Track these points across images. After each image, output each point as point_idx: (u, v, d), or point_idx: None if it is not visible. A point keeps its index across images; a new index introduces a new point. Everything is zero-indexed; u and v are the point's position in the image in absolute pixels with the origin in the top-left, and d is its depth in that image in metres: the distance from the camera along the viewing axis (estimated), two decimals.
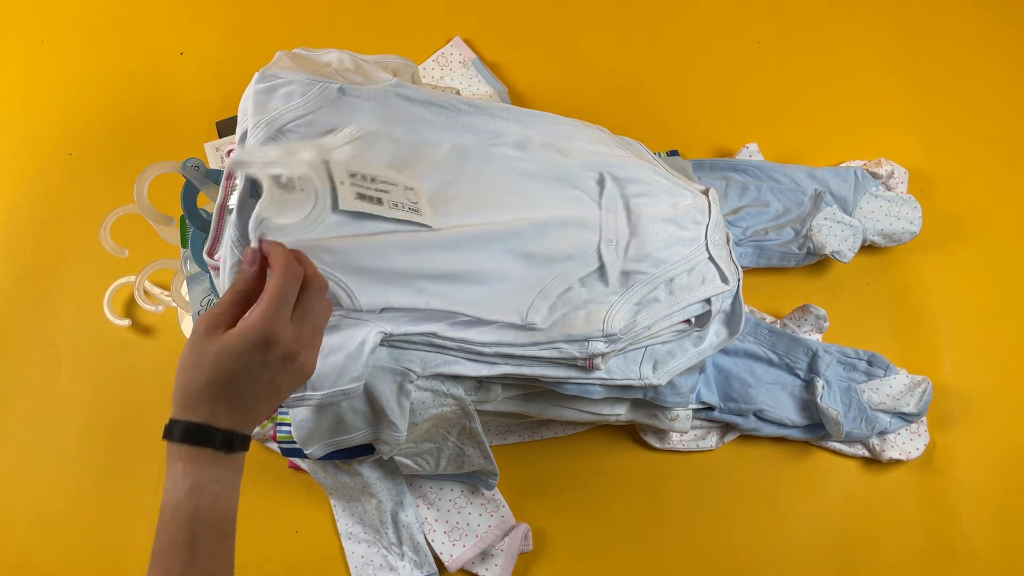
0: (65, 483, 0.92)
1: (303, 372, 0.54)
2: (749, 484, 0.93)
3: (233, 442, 0.52)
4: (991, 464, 0.94)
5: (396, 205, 0.65)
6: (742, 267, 0.87)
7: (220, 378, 0.51)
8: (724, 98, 1.08)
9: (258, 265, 0.54)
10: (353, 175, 0.64)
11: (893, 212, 0.97)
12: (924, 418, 0.93)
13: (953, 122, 1.06)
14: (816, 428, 0.92)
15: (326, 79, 0.69)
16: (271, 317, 0.51)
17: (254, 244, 0.56)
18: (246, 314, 0.52)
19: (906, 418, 0.91)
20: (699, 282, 0.78)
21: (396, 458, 0.80)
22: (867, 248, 0.99)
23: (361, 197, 0.63)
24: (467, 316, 0.68)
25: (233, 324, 0.52)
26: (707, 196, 0.81)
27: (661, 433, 0.93)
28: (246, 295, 0.54)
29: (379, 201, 0.64)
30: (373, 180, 0.65)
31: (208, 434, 0.51)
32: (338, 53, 0.77)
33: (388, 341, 0.69)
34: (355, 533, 0.89)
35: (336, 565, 0.90)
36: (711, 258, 0.78)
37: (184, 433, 0.51)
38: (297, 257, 0.54)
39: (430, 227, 0.66)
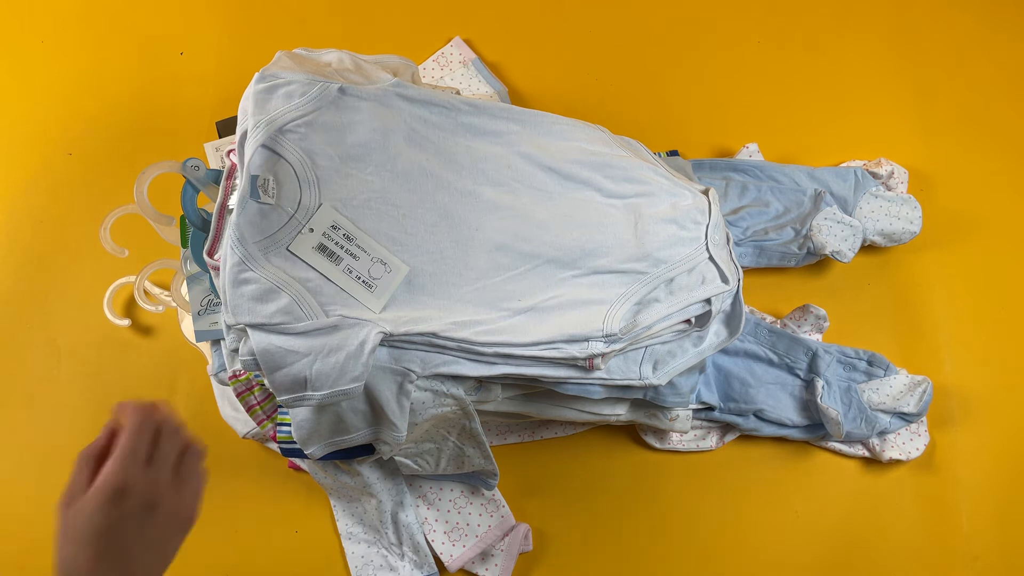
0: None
1: (178, 518, 0.54)
2: (749, 484, 0.93)
3: None
4: (991, 464, 0.94)
5: (350, 272, 0.67)
6: (742, 267, 0.87)
7: (92, 544, 0.50)
8: (724, 98, 1.08)
9: (108, 431, 0.55)
10: (335, 227, 0.66)
11: (893, 212, 0.97)
12: (924, 418, 0.93)
13: (953, 122, 1.06)
14: (816, 428, 0.92)
15: (326, 79, 0.69)
16: (117, 469, 0.51)
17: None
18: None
19: (906, 418, 0.91)
20: (699, 282, 0.78)
21: (396, 458, 0.80)
22: (867, 248, 0.99)
23: (321, 249, 0.66)
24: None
25: (87, 490, 0.52)
26: (707, 196, 0.81)
27: (661, 433, 0.93)
28: (95, 459, 0.54)
29: (337, 260, 0.67)
30: (350, 240, 0.66)
31: None
32: (338, 53, 0.77)
33: (388, 341, 0.69)
34: (355, 533, 0.89)
35: (336, 565, 0.90)
36: (711, 258, 0.78)
37: None
38: (155, 407, 0.55)
39: (370, 311, 0.67)
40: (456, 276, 0.72)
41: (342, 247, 0.67)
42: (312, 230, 0.65)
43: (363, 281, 0.67)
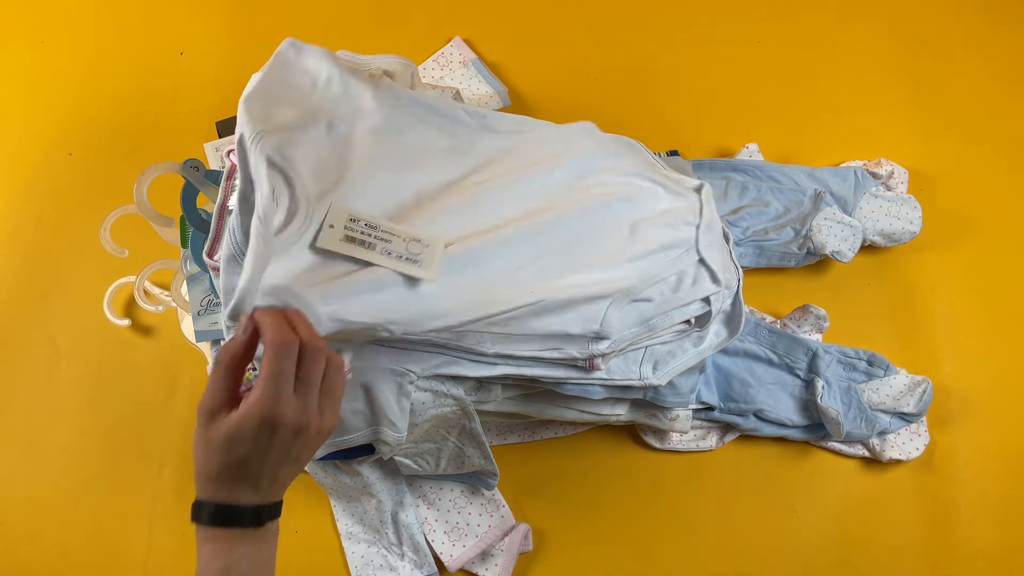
0: (65, 483, 0.92)
1: (321, 437, 0.54)
2: (749, 484, 0.93)
3: (261, 516, 0.52)
4: (991, 464, 0.94)
5: (390, 254, 0.64)
6: (742, 267, 0.87)
7: (234, 462, 0.51)
8: (724, 98, 1.08)
9: (248, 335, 0.53)
10: (354, 220, 0.64)
11: (893, 212, 0.97)
12: (924, 418, 0.93)
13: (953, 122, 1.06)
14: (816, 428, 0.92)
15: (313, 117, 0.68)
16: (269, 398, 0.50)
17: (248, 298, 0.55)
18: (248, 395, 0.51)
19: (906, 418, 0.91)
20: (690, 284, 0.77)
21: (396, 458, 0.80)
22: (867, 248, 0.99)
23: (350, 240, 0.63)
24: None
25: (231, 401, 0.52)
26: (699, 195, 0.81)
27: (661, 433, 0.93)
28: (233, 368, 0.53)
29: (370, 247, 0.64)
30: (373, 228, 0.65)
31: (235, 514, 0.51)
32: (328, 69, 0.73)
33: (388, 342, 0.69)
34: (355, 533, 0.89)
35: (336, 565, 0.90)
36: (701, 259, 0.78)
37: (211, 516, 0.51)
38: (291, 320, 0.53)
39: (425, 280, 0.65)
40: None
41: (370, 235, 0.65)
42: (332, 226, 0.64)
43: (407, 259, 0.65)
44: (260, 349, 0.53)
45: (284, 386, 0.51)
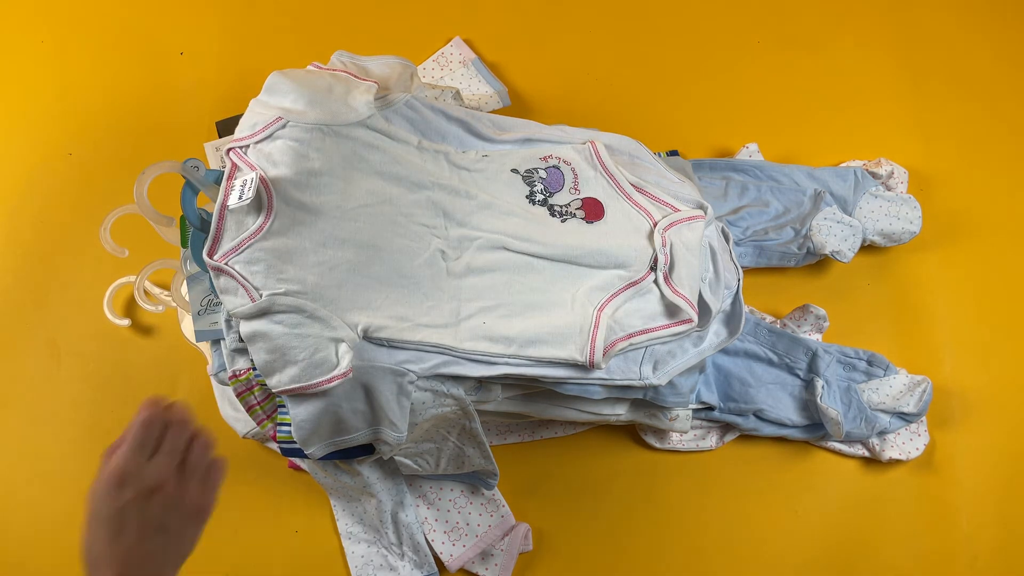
0: (65, 483, 0.92)
1: (185, 507, 0.56)
2: (749, 484, 0.93)
3: None
4: (991, 464, 0.94)
5: None
6: (742, 267, 0.87)
7: (104, 528, 0.54)
8: (724, 98, 1.08)
9: (128, 425, 0.58)
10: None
11: (893, 212, 0.97)
12: (924, 418, 0.93)
13: (953, 122, 1.06)
14: (816, 428, 0.92)
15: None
16: (119, 459, 0.54)
17: None
18: None
19: (906, 418, 0.91)
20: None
21: (396, 458, 0.80)
22: (867, 248, 0.99)
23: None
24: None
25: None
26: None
27: (661, 433, 0.93)
28: (113, 453, 0.57)
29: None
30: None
31: None
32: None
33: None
34: (355, 533, 0.89)
35: (336, 565, 0.90)
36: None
37: None
38: (161, 403, 0.58)
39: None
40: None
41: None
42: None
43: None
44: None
45: (137, 449, 0.55)
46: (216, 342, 0.83)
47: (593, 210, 0.80)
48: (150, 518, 0.55)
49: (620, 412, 0.85)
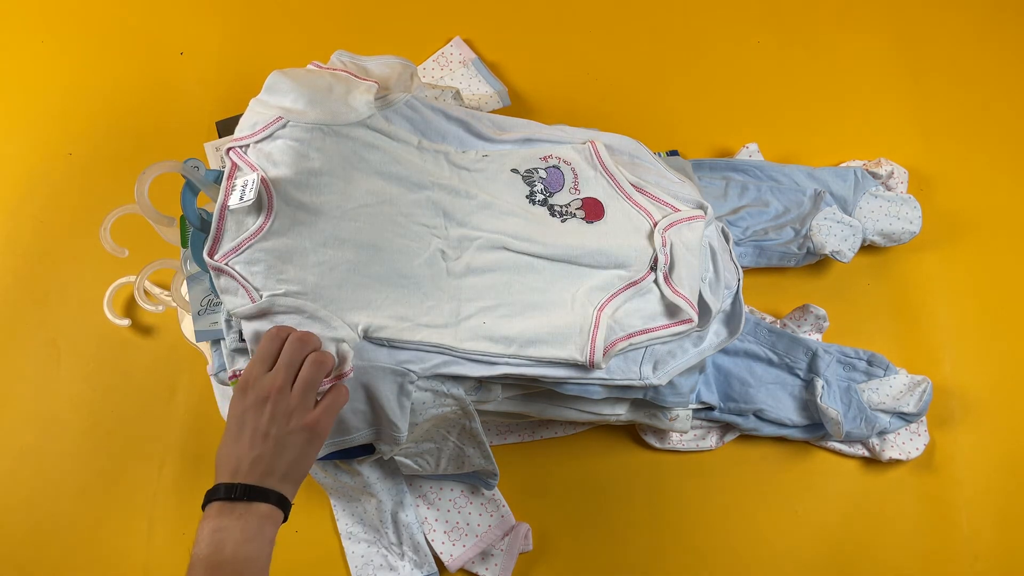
0: (65, 483, 0.92)
1: (290, 418, 0.60)
2: (749, 484, 0.93)
3: (234, 492, 0.57)
4: (991, 464, 0.94)
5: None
6: (742, 267, 0.87)
7: (230, 426, 0.60)
8: (724, 98, 1.08)
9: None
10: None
11: (893, 212, 0.97)
12: (924, 418, 0.93)
13: (953, 122, 1.06)
14: (816, 428, 0.92)
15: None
16: (248, 368, 0.62)
17: None
18: None
19: (906, 418, 0.91)
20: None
21: (396, 458, 0.80)
22: (867, 248, 0.99)
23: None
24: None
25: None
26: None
27: (661, 433, 0.93)
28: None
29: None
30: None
31: (213, 490, 0.59)
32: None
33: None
34: (355, 533, 0.89)
35: (336, 565, 0.90)
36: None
37: (205, 496, 0.59)
38: (286, 327, 0.64)
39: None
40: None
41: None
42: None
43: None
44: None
45: (261, 360, 0.62)
46: (216, 342, 0.83)
47: (593, 210, 0.81)
48: (260, 425, 0.59)
49: (620, 412, 0.85)
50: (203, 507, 0.58)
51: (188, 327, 0.89)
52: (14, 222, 1.00)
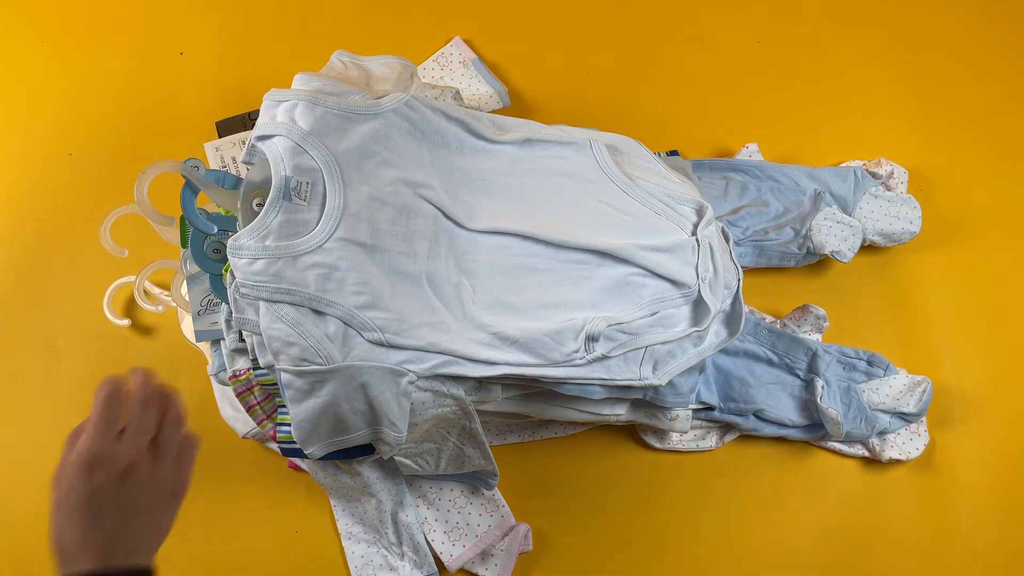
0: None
1: (159, 486, 0.55)
2: (749, 484, 0.93)
3: None
4: (991, 464, 0.94)
5: None
6: (742, 267, 0.87)
7: (76, 515, 0.51)
8: (724, 98, 1.08)
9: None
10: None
11: (893, 212, 0.97)
12: (924, 418, 0.93)
13: (953, 122, 1.06)
14: (816, 428, 0.92)
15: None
16: (87, 440, 0.52)
17: None
18: None
19: (906, 418, 0.91)
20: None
21: (396, 458, 0.80)
22: (867, 248, 0.99)
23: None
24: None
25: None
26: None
27: (661, 433, 0.93)
28: (78, 436, 0.55)
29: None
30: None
31: None
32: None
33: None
34: (355, 533, 0.89)
35: (336, 565, 0.90)
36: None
37: None
38: (121, 380, 0.55)
39: None
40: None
41: None
42: None
43: None
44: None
45: (102, 429, 0.53)
46: (216, 342, 0.83)
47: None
48: (125, 501, 0.53)
49: (620, 412, 0.85)
50: None
51: (188, 327, 0.89)
52: (14, 222, 1.00)
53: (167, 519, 0.56)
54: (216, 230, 0.74)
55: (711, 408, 0.90)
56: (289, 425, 0.73)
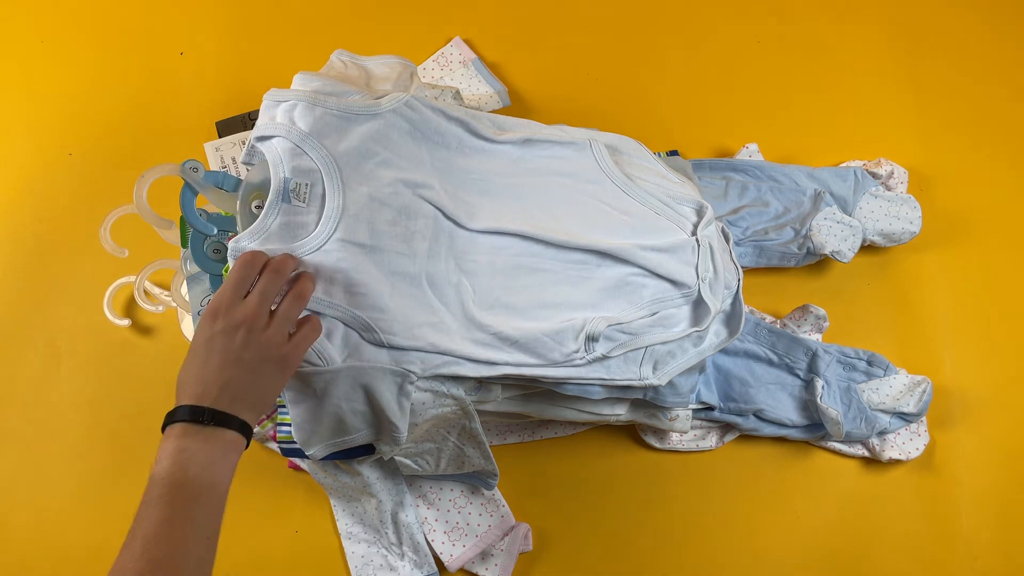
0: (65, 483, 0.92)
1: (266, 347, 0.59)
2: (749, 484, 0.93)
3: (201, 416, 0.57)
4: (991, 464, 0.94)
5: None
6: (742, 267, 0.87)
7: (195, 352, 0.59)
8: (724, 98, 1.08)
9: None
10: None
11: (893, 212, 0.97)
12: (924, 418, 0.93)
13: (953, 122, 1.06)
14: (816, 428, 0.92)
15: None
16: (219, 293, 0.59)
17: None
18: None
19: (906, 418, 0.91)
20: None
21: (396, 458, 0.80)
22: (867, 248, 0.99)
23: None
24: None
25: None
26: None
27: (661, 433, 0.93)
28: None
29: None
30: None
31: (177, 411, 0.57)
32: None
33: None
34: (355, 533, 0.90)
35: (336, 565, 0.90)
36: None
37: (166, 417, 0.58)
38: (262, 253, 0.62)
39: None
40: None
41: None
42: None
43: None
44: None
45: (235, 287, 0.60)
46: None
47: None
48: (232, 350, 0.58)
49: (620, 412, 0.85)
50: (163, 428, 0.58)
51: (188, 327, 0.89)
52: (14, 222, 1.00)
53: (269, 384, 0.60)
54: (216, 231, 0.74)
55: (711, 408, 0.90)
56: (289, 425, 0.73)
